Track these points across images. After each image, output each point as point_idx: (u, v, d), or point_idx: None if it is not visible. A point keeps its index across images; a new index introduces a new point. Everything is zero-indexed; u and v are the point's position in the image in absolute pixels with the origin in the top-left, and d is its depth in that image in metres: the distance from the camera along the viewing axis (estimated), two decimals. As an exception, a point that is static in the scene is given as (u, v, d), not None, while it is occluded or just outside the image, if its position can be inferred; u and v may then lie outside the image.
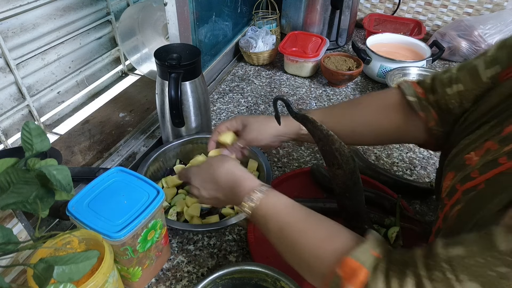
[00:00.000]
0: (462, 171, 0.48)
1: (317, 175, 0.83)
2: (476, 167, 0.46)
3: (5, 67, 0.79)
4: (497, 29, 1.29)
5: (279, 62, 1.35)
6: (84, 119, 1.01)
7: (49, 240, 0.42)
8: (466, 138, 0.52)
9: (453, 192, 0.48)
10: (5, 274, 0.53)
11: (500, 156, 0.44)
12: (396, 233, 0.69)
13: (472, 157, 0.48)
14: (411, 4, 1.53)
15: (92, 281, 0.47)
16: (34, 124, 0.44)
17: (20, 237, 0.53)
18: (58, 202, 0.48)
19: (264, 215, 0.53)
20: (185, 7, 0.86)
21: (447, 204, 0.49)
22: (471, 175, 0.46)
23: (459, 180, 0.48)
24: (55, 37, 0.89)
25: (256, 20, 1.40)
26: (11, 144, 0.85)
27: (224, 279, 0.58)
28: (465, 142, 0.51)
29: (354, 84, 1.25)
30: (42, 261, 0.39)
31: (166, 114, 0.83)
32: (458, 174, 0.49)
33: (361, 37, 1.57)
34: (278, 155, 0.94)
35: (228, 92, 1.18)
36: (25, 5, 0.80)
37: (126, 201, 0.55)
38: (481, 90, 0.54)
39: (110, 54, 1.10)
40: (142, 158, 0.82)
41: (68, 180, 0.42)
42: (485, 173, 0.44)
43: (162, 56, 0.76)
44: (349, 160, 0.55)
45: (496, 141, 0.46)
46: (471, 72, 0.55)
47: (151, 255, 0.61)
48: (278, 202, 0.54)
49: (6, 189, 0.39)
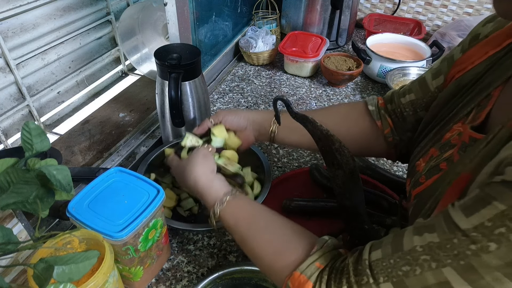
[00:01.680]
0: (414, 177, 0.52)
1: (316, 175, 0.83)
2: (423, 173, 0.50)
3: (5, 67, 0.79)
4: (497, 29, 1.29)
5: (279, 62, 1.35)
6: (84, 119, 1.01)
7: (49, 240, 0.42)
8: (418, 147, 0.56)
9: (410, 197, 0.53)
10: (5, 274, 0.53)
11: (441, 162, 0.48)
12: (396, 233, 0.69)
13: (420, 163, 0.52)
14: (411, 4, 1.53)
15: (92, 281, 0.47)
16: (34, 124, 0.44)
17: (20, 237, 0.53)
18: (58, 202, 0.48)
19: (228, 227, 0.56)
20: (185, 7, 0.86)
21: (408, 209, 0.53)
22: (419, 180, 0.50)
23: (412, 185, 0.52)
24: (55, 37, 0.89)
25: (256, 20, 1.40)
26: (11, 144, 0.84)
27: (224, 279, 0.58)
28: (417, 150, 0.56)
29: (354, 84, 1.25)
30: (42, 261, 0.39)
31: (166, 114, 0.83)
32: (412, 180, 0.53)
33: (361, 37, 1.57)
34: (278, 155, 0.94)
35: (228, 92, 1.18)
36: (25, 5, 0.80)
37: (126, 200, 0.55)
38: (430, 99, 0.59)
39: (110, 54, 1.10)
40: (142, 158, 0.82)
41: (68, 180, 0.42)
42: (430, 178, 0.48)
43: (162, 56, 0.76)
44: (349, 160, 0.55)
45: (437, 148, 0.50)
46: (420, 83, 0.61)
47: (152, 254, 0.61)
48: (238, 213, 0.56)
49: (6, 189, 0.39)
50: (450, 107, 0.52)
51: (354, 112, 0.70)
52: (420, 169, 0.52)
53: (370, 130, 0.68)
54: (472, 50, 0.52)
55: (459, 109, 0.50)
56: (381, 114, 0.66)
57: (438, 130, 0.53)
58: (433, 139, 0.53)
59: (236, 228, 0.55)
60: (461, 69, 0.53)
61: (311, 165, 0.86)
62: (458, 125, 0.49)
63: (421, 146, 0.55)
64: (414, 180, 0.52)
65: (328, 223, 0.75)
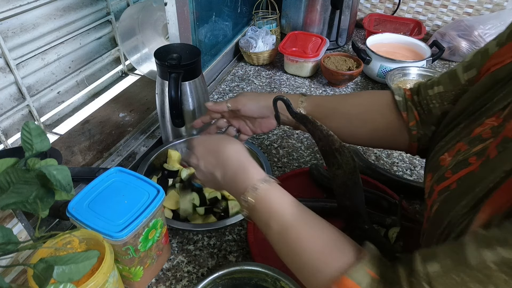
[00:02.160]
0: (438, 172, 0.50)
1: (316, 175, 0.83)
2: (449, 167, 0.48)
3: (5, 67, 0.79)
4: (497, 29, 1.29)
5: (279, 62, 1.35)
6: (84, 119, 1.01)
7: (49, 240, 0.42)
8: (442, 141, 0.54)
9: (432, 193, 0.50)
10: (5, 274, 0.53)
11: (470, 156, 0.46)
12: (396, 233, 0.69)
13: (445, 158, 0.50)
14: (411, 4, 1.53)
15: (92, 281, 0.47)
16: (34, 124, 0.44)
17: (20, 237, 0.53)
18: (58, 202, 0.48)
19: (268, 210, 0.51)
20: (185, 7, 0.86)
21: (428, 205, 0.50)
22: (445, 175, 0.48)
23: (435, 180, 0.50)
24: (55, 37, 0.89)
25: (256, 20, 1.40)
26: (11, 144, 0.84)
27: (224, 279, 0.58)
28: (441, 144, 0.54)
29: (354, 84, 1.25)
30: (42, 261, 0.39)
31: (166, 114, 0.83)
32: (434, 175, 0.51)
33: (361, 37, 1.57)
34: (278, 155, 0.94)
35: (228, 92, 1.18)
36: (25, 5, 0.80)
37: (126, 200, 0.55)
38: (459, 92, 0.58)
39: (110, 54, 1.10)
40: (142, 158, 0.82)
41: (68, 180, 0.42)
42: (457, 173, 0.46)
43: (162, 56, 0.76)
44: (349, 160, 0.55)
45: (466, 142, 0.48)
46: (450, 75, 0.59)
47: (152, 254, 0.61)
48: (284, 198, 0.52)
49: (6, 189, 0.39)
50: (483, 100, 0.50)
51: (379, 102, 0.67)
52: (445, 163, 0.49)
53: (395, 121, 0.65)
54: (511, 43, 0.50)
55: (494, 103, 0.48)
56: (408, 105, 0.64)
57: (468, 124, 0.50)
58: (461, 133, 0.50)
59: (282, 213, 0.50)
60: (498, 62, 0.51)
61: (311, 165, 0.86)
62: (492, 119, 0.46)
63: (445, 140, 0.53)
64: (438, 175, 0.50)
65: (328, 223, 0.75)
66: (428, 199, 0.51)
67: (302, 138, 0.99)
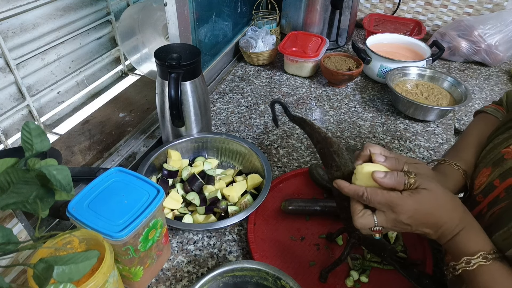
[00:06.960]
0: (501, 166, 0.47)
1: (316, 175, 0.83)
2: None
3: (5, 67, 0.79)
4: (497, 29, 1.29)
5: (279, 62, 1.35)
6: (84, 119, 1.01)
7: (49, 240, 0.42)
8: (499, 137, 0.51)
9: (491, 189, 0.46)
10: (5, 274, 0.53)
11: None
12: (396, 234, 0.69)
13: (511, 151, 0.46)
14: (411, 4, 1.53)
15: (92, 281, 0.47)
16: (34, 124, 0.44)
17: (20, 237, 0.54)
18: (58, 202, 0.48)
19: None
20: (185, 7, 0.86)
21: (481, 202, 0.47)
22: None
23: (497, 176, 0.46)
24: (55, 37, 0.89)
25: (256, 20, 1.40)
26: (11, 144, 0.85)
27: (225, 277, 0.58)
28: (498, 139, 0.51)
29: (354, 84, 1.25)
30: (42, 261, 0.39)
31: (166, 114, 0.83)
32: (495, 169, 0.48)
33: (361, 37, 1.57)
34: (278, 155, 0.94)
35: (228, 92, 1.18)
36: (25, 5, 0.80)
37: (126, 200, 0.55)
38: None
39: (110, 54, 1.10)
40: (142, 158, 0.82)
41: (68, 180, 0.42)
42: None
43: (162, 56, 0.76)
44: (347, 162, 0.55)
45: None
46: None
47: (152, 254, 0.61)
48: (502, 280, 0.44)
49: (6, 189, 0.39)
50: None
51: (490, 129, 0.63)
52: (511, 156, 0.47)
53: None
54: None
55: None
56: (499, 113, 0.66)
57: None
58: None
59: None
60: None
61: (311, 165, 0.86)
62: None
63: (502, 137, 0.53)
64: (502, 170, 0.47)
65: (328, 224, 0.75)
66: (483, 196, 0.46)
67: (302, 138, 0.99)
